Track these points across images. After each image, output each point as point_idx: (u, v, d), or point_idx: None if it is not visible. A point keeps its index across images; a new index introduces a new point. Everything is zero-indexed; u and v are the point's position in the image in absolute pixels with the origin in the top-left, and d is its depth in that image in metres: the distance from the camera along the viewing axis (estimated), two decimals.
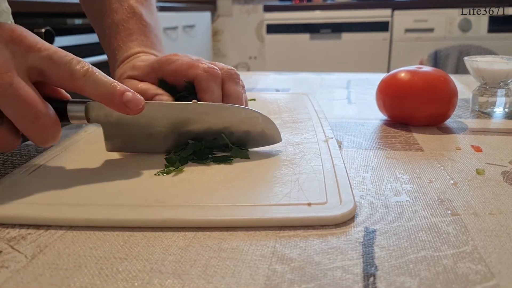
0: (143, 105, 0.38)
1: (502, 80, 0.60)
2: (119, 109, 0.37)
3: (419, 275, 0.25)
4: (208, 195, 0.34)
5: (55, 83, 0.37)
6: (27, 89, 0.34)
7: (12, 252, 0.28)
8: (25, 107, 0.33)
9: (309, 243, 0.29)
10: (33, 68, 0.35)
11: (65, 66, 0.35)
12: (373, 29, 2.50)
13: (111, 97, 0.37)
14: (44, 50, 0.35)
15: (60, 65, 0.35)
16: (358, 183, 0.38)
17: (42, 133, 0.35)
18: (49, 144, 0.36)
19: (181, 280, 0.25)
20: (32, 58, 0.35)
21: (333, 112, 0.63)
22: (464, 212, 0.32)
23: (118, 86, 0.37)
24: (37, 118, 0.34)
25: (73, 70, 0.36)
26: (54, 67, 0.35)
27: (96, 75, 0.36)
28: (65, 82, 0.36)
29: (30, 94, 0.34)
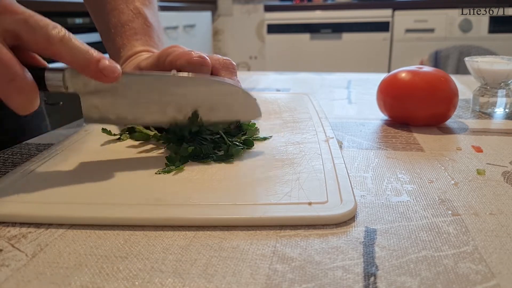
0: (119, 72, 0.37)
1: (503, 80, 0.60)
2: (95, 76, 0.36)
3: (419, 275, 0.25)
4: (209, 194, 0.34)
5: (31, 48, 0.36)
6: (3, 50, 0.33)
7: (13, 251, 0.28)
8: (1, 68, 0.33)
9: (309, 242, 0.29)
10: (8, 31, 0.34)
11: (41, 31, 0.35)
12: (374, 29, 2.50)
13: (87, 63, 0.36)
14: (20, 13, 0.34)
15: (36, 29, 0.34)
16: (359, 183, 0.38)
17: (18, 96, 0.34)
18: (27, 111, 0.35)
19: (181, 279, 0.25)
20: (8, 20, 0.34)
21: (334, 112, 0.63)
22: (465, 212, 0.32)
23: (94, 53, 0.36)
24: (13, 79, 0.33)
25: (49, 34, 0.35)
26: (30, 31, 0.34)
27: (73, 41, 0.35)
28: (41, 47, 0.35)
29: (5, 54, 0.33)
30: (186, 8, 2.74)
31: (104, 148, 0.46)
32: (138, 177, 0.38)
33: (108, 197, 0.34)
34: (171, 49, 0.46)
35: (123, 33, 0.54)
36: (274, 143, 0.46)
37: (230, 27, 3.28)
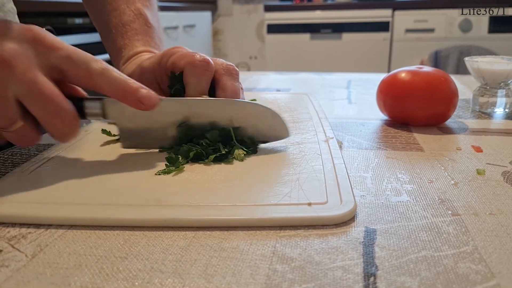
0: (156, 101, 0.39)
1: (503, 80, 0.60)
2: (134, 105, 0.38)
3: (419, 275, 0.25)
4: (209, 194, 0.34)
5: (73, 81, 0.38)
6: (50, 86, 0.35)
7: (13, 251, 0.28)
8: (49, 103, 0.35)
9: (309, 242, 0.29)
10: (54, 67, 0.36)
11: (83, 65, 0.37)
12: (374, 29, 2.50)
13: (126, 93, 0.38)
14: (63, 50, 0.37)
15: (78, 64, 0.37)
16: (359, 183, 0.38)
17: (63, 128, 0.37)
18: (69, 138, 0.38)
19: (181, 280, 0.25)
20: (53, 57, 0.36)
21: (334, 112, 0.63)
22: (465, 212, 0.32)
23: (132, 83, 0.38)
24: (59, 113, 0.36)
25: (91, 69, 0.37)
26: (73, 66, 0.37)
27: (112, 73, 0.38)
28: (83, 80, 0.38)
29: (53, 90, 0.35)
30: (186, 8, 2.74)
31: (104, 149, 0.46)
32: (138, 177, 0.38)
33: (108, 197, 0.34)
34: (175, 49, 0.46)
35: (124, 34, 0.55)
36: (274, 143, 0.46)
37: (230, 27, 3.28)
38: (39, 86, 0.34)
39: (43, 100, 0.35)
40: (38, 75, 0.35)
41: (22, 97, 0.34)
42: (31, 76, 0.34)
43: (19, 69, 0.34)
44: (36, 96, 0.34)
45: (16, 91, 0.34)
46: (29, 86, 0.34)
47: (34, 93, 0.34)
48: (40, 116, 0.36)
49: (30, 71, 0.34)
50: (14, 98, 0.34)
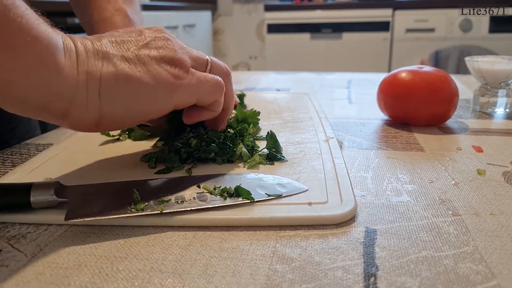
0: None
1: (503, 80, 0.60)
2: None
3: (420, 275, 0.25)
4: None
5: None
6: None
7: (12, 251, 0.28)
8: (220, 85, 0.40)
9: (309, 243, 0.28)
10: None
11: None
12: (374, 29, 2.50)
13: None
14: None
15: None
16: (359, 183, 0.38)
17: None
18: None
19: (181, 280, 0.25)
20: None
21: (334, 112, 0.63)
22: (465, 212, 0.32)
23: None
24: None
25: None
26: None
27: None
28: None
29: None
30: (186, 7, 2.74)
31: (103, 148, 0.46)
32: (138, 177, 0.38)
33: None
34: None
35: (105, 28, 0.56)
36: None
37: (230, 27, 3.28)
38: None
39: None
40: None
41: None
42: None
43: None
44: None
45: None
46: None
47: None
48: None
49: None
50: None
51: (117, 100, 0.33)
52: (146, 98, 0.34)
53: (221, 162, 0.41)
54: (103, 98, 0.32)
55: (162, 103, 0.35)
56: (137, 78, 0.33)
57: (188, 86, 0.36)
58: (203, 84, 0.37)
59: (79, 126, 0.34)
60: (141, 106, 0.35)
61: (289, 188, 0.35)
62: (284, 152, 0.43)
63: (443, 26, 2.39)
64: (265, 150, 0.42)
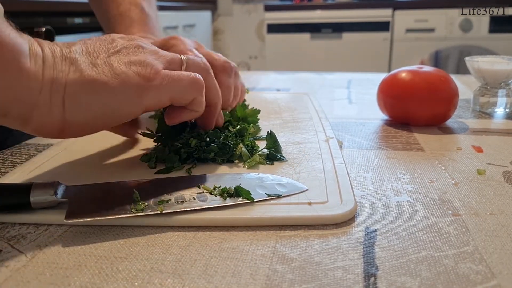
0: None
1: (503, 80, 0.60)
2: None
3: (420, 275, 0.25)
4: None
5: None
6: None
7: (12, 251, 0.28)
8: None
9: (309, 243, 0.28)
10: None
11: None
12: (374, 29, 2.50)
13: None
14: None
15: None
16: (359, 183, 0.38)
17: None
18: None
19: (181, 280, 0.25)
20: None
21: (334, 112, 0.63)
22: (465, 212, 0.32)
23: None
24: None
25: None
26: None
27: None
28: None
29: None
30: (186, 7, 2.74)
31: (103, 149, 0.46)
32: (138, 177, 0.38)
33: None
34: (173, 41, 0.47)
35: (121, 22, 0.58)
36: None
37: (230, 27, 3.28)
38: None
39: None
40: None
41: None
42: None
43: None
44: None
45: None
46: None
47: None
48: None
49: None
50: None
51: (82, 107, 0.32)
52: (113, 102, 0.33)
53: (221, 162, 0.41)
54: (67, 105, 0.32)
55: (131, 106, 0.34)
56: (103, 82, 0.32)
57: (159, 87, 0.35)
58: (176, 83, 0.36)
59: (42, 132, 0.33)
60: (107, 111, 0.34)
61: (289, 188, 0.35)
62: (284, 152, 0.43)
63: (443, 26, 2.40)
64: (265, 150, 0.42)
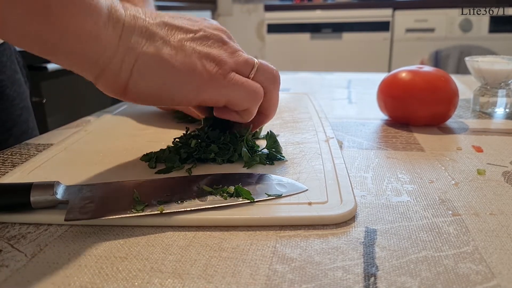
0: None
1: (503, 80, 0.60)
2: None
3: (420, 275, 0.25)
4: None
5: None
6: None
7: (12, 251, 0.28)
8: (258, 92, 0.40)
9: (309, 243, 0.28)
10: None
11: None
12: (374, 29, 2.50)
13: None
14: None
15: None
16: (359, 183, 0.38)
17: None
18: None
19: (181, 280, 0.25)
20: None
21: (334, 112, 0.63)
22: (465, 212, 0.32)
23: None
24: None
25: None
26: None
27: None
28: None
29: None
30: (186, 7, 2.74)
31: (103, 148, 0.46)
32: (138, 177, 0.38)
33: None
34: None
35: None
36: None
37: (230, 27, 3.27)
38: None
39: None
40: None
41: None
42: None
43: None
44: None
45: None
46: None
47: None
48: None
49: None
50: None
51: (146, 80, 0.34)
52: (174, 85, 0.35)
53: (221, 162, 0.41)
54: (134, 73, 0.33)
55: (189, 95, 0.36)
56: (171, 64, 0.34)
57: (220, 88, 0.36)
58: (237, 89, 0.37)
59: (107, 90, 0.35)
60: (167, 91, 0.35)
61: (289, 188, 0.35)
62: (284, 152, 0.43)
63: (443, 26, 2.40)
64: (265, 150, 0.42)
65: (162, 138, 0.49)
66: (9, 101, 0.64)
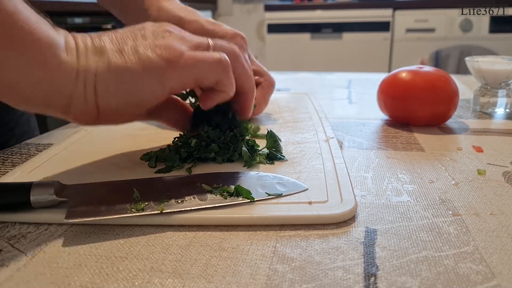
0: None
1: (503, 80, 0.60)
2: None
3: (420, 275, 0.25)
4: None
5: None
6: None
7: (12, 251, 0.28)
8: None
9: (310, 242, 0.28)
10: None
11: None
12: (374, 29, 2.50)
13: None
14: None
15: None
16: (359, 183, 0.38)
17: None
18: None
19: (181, 280, 0.25)
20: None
21: (334, 112, 0.63)
22: (465, 212, 0.32)
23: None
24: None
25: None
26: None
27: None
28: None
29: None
30: None
31: (103, 148, 0.46)
32: (138, 176, 0.38)
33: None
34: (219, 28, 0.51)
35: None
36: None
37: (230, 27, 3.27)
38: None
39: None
40: None
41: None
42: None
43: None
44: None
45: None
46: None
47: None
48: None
49: None
50: None
51: (111, 93, 0.34)
52: (137, 86, 0.34)
53: (221, 161, 0.41)
54: (99, 93, 0.33)
55: (154, 88, 0.35)
56: (127, 68, 0.34)
57: (182, 68, 0.36)
58: (199, 63, 0.36)
59: (80, 119, 0.35)
60: (134, 96, 0.35)
61: (289, 187, 0.35)
62: (284, 152, 0.43)
63: (443, 26, 2.40)
64: (265, 149, 0.42)
65: (162, 138, 0.49)
66: None
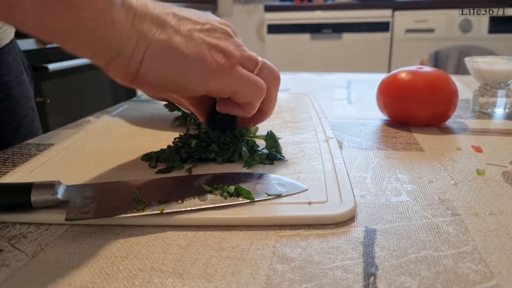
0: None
1: (503, 80, 0.60)
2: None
3: (419, 275, 0.25)
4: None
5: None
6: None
7: (13, 251, 0.28)
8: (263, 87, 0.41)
9: (309, 242, 0.29)
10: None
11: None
12: (374, 29, 2.50)
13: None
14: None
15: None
16: (359, 183, 0.38)
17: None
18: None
19: (181, 279, 0.25)
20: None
21: (334, 112, 0.63)
22: (465, 212, 0.32)
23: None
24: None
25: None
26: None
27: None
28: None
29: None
30: None
31: (103, 148, 0.46)
32: (138, 176, 0.38)
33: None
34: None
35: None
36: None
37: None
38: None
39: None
40: None
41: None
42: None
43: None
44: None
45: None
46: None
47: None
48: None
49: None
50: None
51: (156, 67, 0.34)
52: (183, 73, 0.35)
53: (221, 162, 0.41)
54: (145, 61, 0.34)
55: (197, 83, 0.36)
56: (182, 52, 0.34)
57: (227, 79, 0.37)
58: (243, 82, 0.38)
59: (118, 75, 0.35)
60: (176, 79, 0.36)
61: (289, 188, 0.35)
62: (284, 152, 0.43)
63: (443, 27, 2.40)
64: (264, 150, 0.42)
65: (163, 138, 0.50)
66: (16, 102, 0.64)
